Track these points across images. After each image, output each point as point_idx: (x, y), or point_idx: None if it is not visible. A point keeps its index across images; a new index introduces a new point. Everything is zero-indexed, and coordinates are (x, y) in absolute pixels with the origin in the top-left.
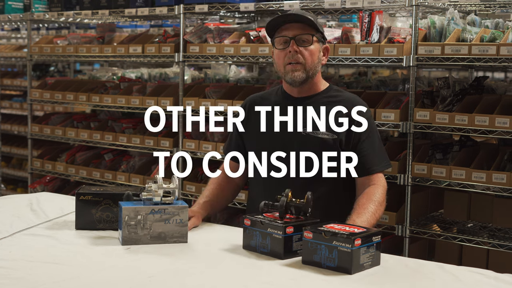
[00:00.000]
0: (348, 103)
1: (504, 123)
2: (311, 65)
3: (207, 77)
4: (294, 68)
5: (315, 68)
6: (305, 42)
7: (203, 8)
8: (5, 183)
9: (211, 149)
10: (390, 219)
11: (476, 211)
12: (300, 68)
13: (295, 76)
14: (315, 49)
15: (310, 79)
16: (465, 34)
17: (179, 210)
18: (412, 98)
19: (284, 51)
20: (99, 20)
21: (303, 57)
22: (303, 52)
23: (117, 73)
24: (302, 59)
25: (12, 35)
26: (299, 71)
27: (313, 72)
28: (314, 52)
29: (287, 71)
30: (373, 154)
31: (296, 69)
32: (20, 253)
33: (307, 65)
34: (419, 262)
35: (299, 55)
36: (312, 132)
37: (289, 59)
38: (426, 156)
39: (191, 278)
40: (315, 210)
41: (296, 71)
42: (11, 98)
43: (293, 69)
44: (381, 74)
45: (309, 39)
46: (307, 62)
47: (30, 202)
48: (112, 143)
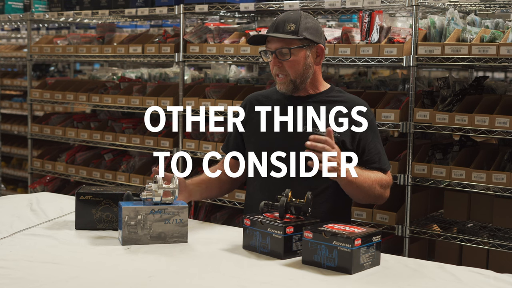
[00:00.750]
0: (349, 103)
1: (504, 123)
2: (295, 74)
3: (207, 77)
4: (281, 81)
5: (303, 75)
6: (285, 55)
7: (203, 8)
8: (5, 183)
9: (211, 149)
10: (390, 219)
11: (476, 211)
12: (286, 80)
13: (282, 88)
14: (298, 59)
15: (302, 85)
16: (465, 34)
17: (179, 210)
18: (412, 98)
19: (271, 63)
20: (99, 20)
21: (285, 69)
22: (284, 64)
23: (117, 73)
24: (285, 71)
25: (12, 35)
26: (285, 83)
27: (302, 79)
28: (297, 62)
29: (277, 81)
30: (383, 153)
31: (282, 82)
32: (20, 253)
33: (292, 76)
34: (419, 262)
35: (283, 68)
36: (313, 131)
37: (275, 72)
38: (426, 156)
39: (191, 278)
40: (315, 210)
41: (282, 83)
42: (11, 98)
43: (280, 81)
44: (381, 74)
45: (287, 52)
46: (290, 73)
47: (30, 202)
48: (112, 143)
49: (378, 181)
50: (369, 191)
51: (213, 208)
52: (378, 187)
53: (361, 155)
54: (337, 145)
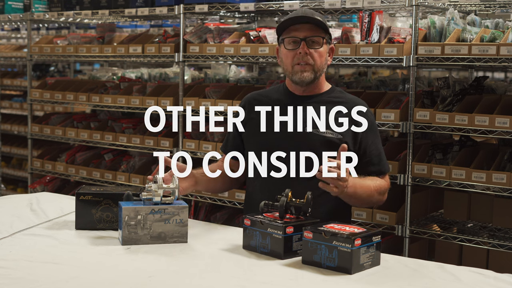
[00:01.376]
0: (349, 104)
1: (504, 123)
2: (319, 66)
3: (207, 77)
4: (303, 69)
5: (322, 69)
6: (315, 44)
7: (203, 8)
8: (5, 183)
9: (211, 149)
10: (390, 219)
11: (476, 211)
12: (309, 69)
13: (304, 76)
14: (324, 51)
15: (317, 80)
16: (465, 34)
17: (179, 210)
18: (412, 98)
19: (293, 51)
20: (99, 20)
21: (312, 59)
22: (312, 53)
23: (117, 73)
24: (311, 61)
25: (12, 35)
26: (308, 71)
27: (321, 73)
28: (323, 54)
29: (295, 71)
30: (379, 156)
31: (305, 70)
32: (20, 253)
33: (316, 67)
34: (419, 262)
35: (308, 57)
36: (314, 131)
37: (299, 60)
38: (426, 156)
39: (191, 278)
40: (315, 210)
41: (305, 71)
42: (11, 98)
43: (302, 69)
44: (381, 74)
45: (319, 41)
46: (316, 64)
47: (30, 202)
48: (112, 143)
49: (377, 189)
50: (367, 199)
51: (213, 208)
52: (377, 194)
53: (361, 157)
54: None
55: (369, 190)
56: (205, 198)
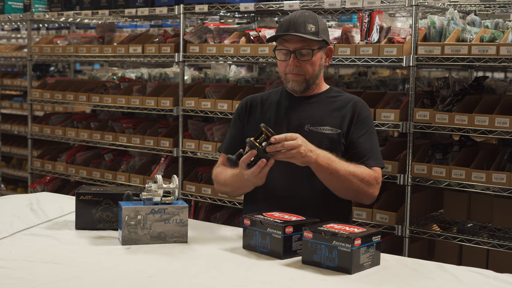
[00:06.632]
0: (346, 100)
1: (504, 123)
2: (311, 75)
3: (207, 77)
4: (295, 79)
5: (316, 76)
6: (305, 56)
7: (203, 8)
8: (5, 183)
9: (211, 149)
10: (390, 219)
11: (476, 211)
12: (301, 79)
13: (295, 86)
14: (316, 59)
15: (313, 85)
16: (465, 34)
17: (179, 210)
18: (412, 98)
19: (285, 62)
20: (99, 20)
21: (304, 69)
22: (303, 64)
23: (117, 73)
24: (302, 71)
25: (12, 35)
26: (299, 81)
27: (314, 80)
28: (315, 63)
29: (288, 79)
30: (370, 149)
31: (296, 80)
32: (20, 253)
33: (308, 76)
34: (419, 262)
35: (299, 68)
36: (313, 128)
37: (290, 71)
38: (426, 156)
39: (191, 278)
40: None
41: (296, 81)
42: (11, 98)
43: (293, 79)
44: (381, 74)
45: (309, 52)
46: (307, 73)
47: (30, 202)
48: (112, 143)
49: (357, 174)
50: (345, 181)
51: (213, 208)
52: (357, 180)
53: (349, 147)
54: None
55: (346, 170)
56: (205, 198)
